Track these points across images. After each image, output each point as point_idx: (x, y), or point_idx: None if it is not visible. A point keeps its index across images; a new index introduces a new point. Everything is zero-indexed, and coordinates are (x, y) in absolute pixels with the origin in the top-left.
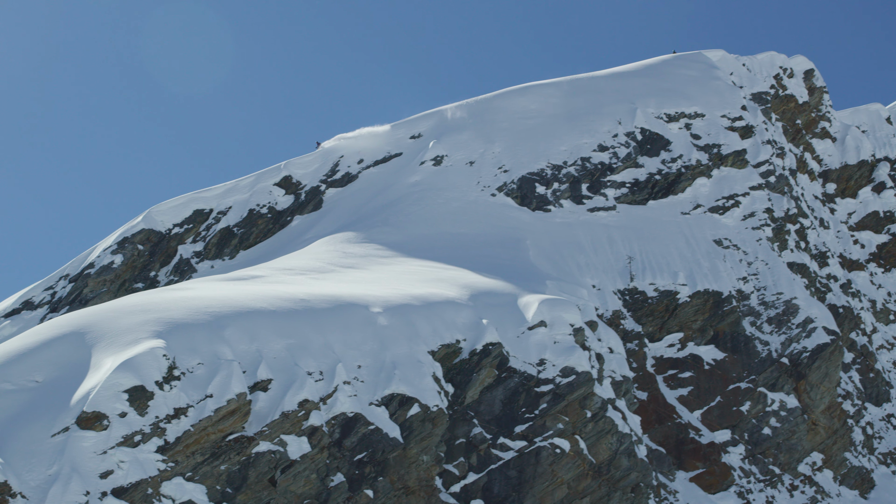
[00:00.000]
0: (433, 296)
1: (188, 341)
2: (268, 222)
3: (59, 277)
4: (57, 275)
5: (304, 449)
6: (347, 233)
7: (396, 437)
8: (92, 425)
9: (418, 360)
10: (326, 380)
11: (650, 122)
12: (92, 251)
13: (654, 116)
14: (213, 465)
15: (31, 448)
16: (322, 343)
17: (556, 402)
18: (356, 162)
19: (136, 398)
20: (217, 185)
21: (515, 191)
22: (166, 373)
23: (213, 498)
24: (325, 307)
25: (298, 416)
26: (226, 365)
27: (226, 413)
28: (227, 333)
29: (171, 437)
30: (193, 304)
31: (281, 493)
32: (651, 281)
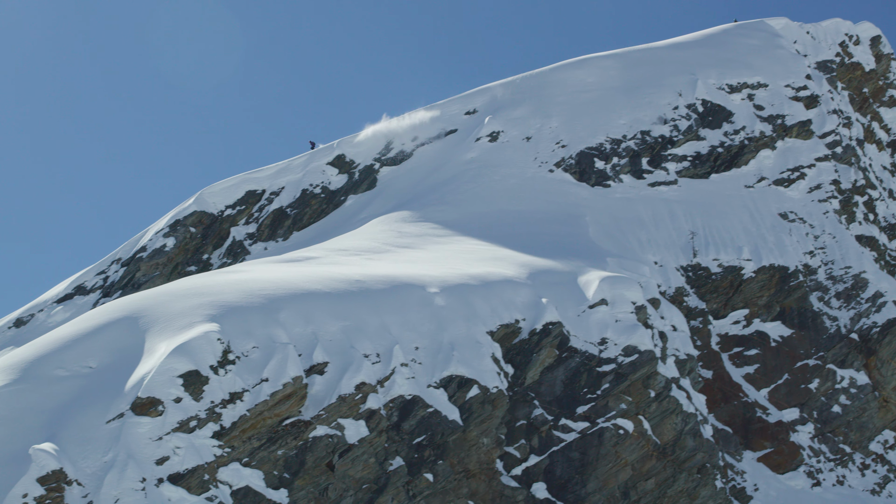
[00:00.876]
0: (491, 275)
1: (243, 325)
2: (321, 202)
3: (111, 261)
4: (109, 259)
5: (362, 433)
6: (402, 212)
7: (456, 419)
8: (147, 411)
9: (477, 341)
10: (383, 362)
11: (711, 94)
12: (144, 234)
13: (716, 87)
14: (269, 450)
15: (86, 435)
16: (378, 324)
17: (618, 382)
18: (410, 139)
19: (190, 383)
20: (269, 166)
21: (574, 166)
22: (221, 357)
23: (271, 483)
24: (381, 288)
25: (356, 399)
26: (281, 348)
27: (282, 397)
28: (282, 316)
29: (227, 422)
30: (247, 286)
31: (339, 477)
32: (715, 256)
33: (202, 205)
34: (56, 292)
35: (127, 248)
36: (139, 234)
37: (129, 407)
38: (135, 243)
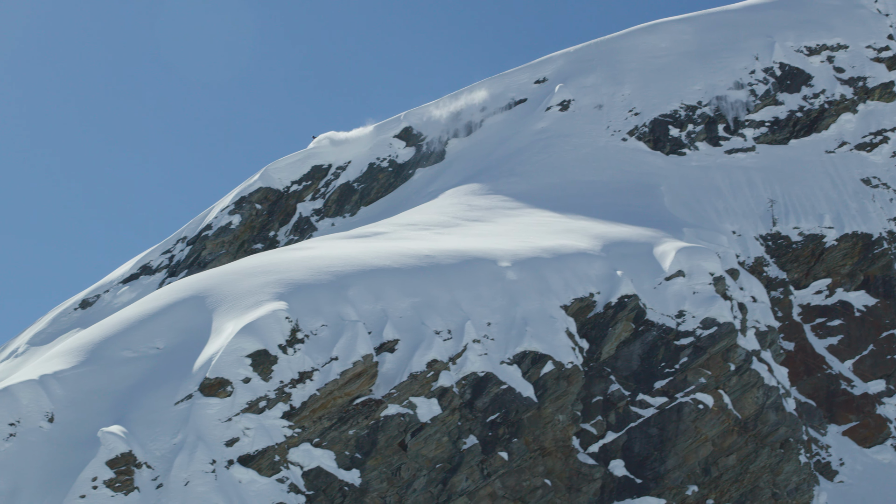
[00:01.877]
0: (564, 247)
1: (311, 302)
2: (389, 176)
3: (176, 240)
4: (174, 238)
5: (435, 411)
6: (472, 184)
7: (530, 396)
8: (215, 392)
9: (550, 316)
10: (455, 338)
11: (789, 56)
12: (209, 212)
13: (794, 50)
14: (340, 430)
15: (155, 417)
16: (449, 300)
17: (697, 356)
18: (479, 110)
19: (259, 363)
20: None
21: (647, 134)
22: (289, 336)
23: (342, 464)
24: (452, 263)
25: (427, 377)
26: (350, 326)
27: (352, 376)
28: (351, 293)
29: (297, 402)
30: (315, 263)
31: (412, 457)
32: (795, 225)
33: (267, 181)
34: (121, 272)
35: (192, 227)
36: (204, 212)
37: (197, 388)
38: (200, 221)
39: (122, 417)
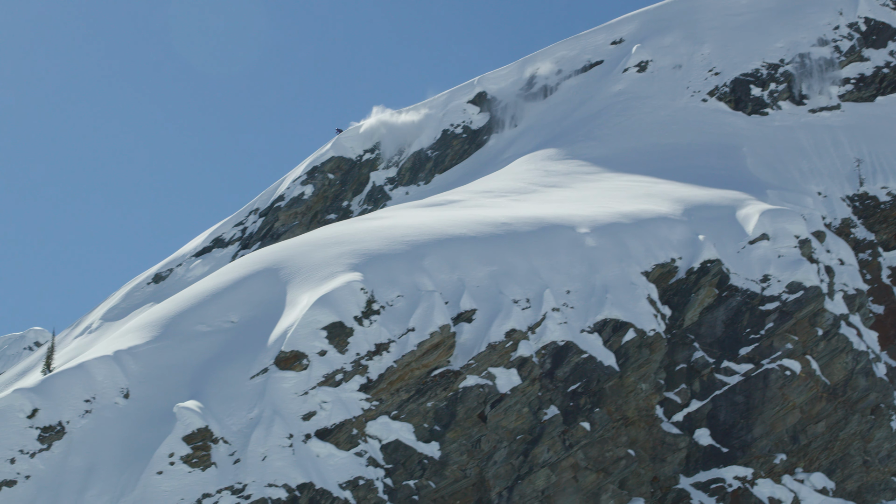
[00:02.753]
0: (644, 212)
1: (386, 273)
2: (463, 143)
3: (248, 212)
4: (246, 209)
5: (514, 381)
6: (548, 149)
7: (612, 365)
8: (291, 365)
9: (631, 282)
10: (534, 307)
11: (875, 11)
12: (281, 183)
13: (880, 4)
14: (419, 402)
15: (231, 391)
16: (527, 268)
17: (783, 321)
18: (554, 73)
19: (335, 335)
20: (406, 108)
21: (728, 94)
22: (365, 307)
23: (421, 436)
24: (529, 230)
25: (506, 347)
26: (427, 296)
27: (429, 347)
28: (427, 263)
29: (374, 374)
30: (389, 233)
31: (492, 428)
32: (883, 184)
33: (340, 150)
34: (194, 246)
35: (264, 198)
36: (276, 183)
37: (272, 361)
38: (272, 193)
39: (198, 392)
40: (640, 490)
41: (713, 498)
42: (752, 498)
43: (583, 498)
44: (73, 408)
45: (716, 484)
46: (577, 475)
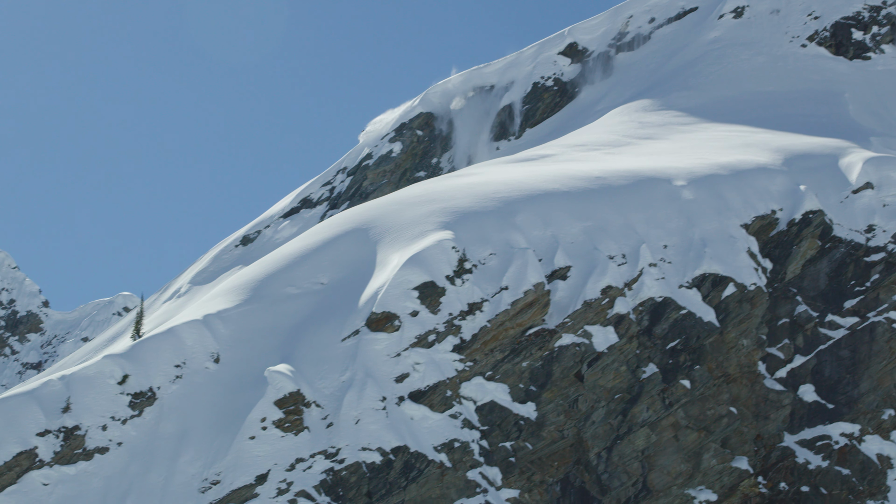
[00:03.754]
0: (742, 163)
1: (478, 231)
2: (554, 95)
3: (336, 171)
4: (334, 168)
5: (611, 339)
6: (642, 100)
7: (711, 320)
8: (383, 326)
9: (730, 236)
10: (630, 263)
11: None
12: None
13: None
14: (513, 362)
15: (322, 354)
16: (622, 223)
17: (889, 272)
18: (647, 21)
19: (426, 295)
20: (496, 60)
21: (829, 39)
22: (457, 266)
23: (517, 397)
24: (624, 184)
25: (602, 304)
26: (520, 254)
27: (523, 305)
28: (519, 219)
29: (467, 334)
30: (480, 190)
31: (589, 388)
32: None
33: (428, 105)
34: (281, 207)
35: (352, 157)
36: (364, 141)
37: (364, 323)
38: (360, 151)
39: (289, 356)
40: (744, 448)
41: (819, 455)
42: (860, 455)
43: (684, 457)
44: (163, 373)
45: (821, 441)
46: (678, 434)
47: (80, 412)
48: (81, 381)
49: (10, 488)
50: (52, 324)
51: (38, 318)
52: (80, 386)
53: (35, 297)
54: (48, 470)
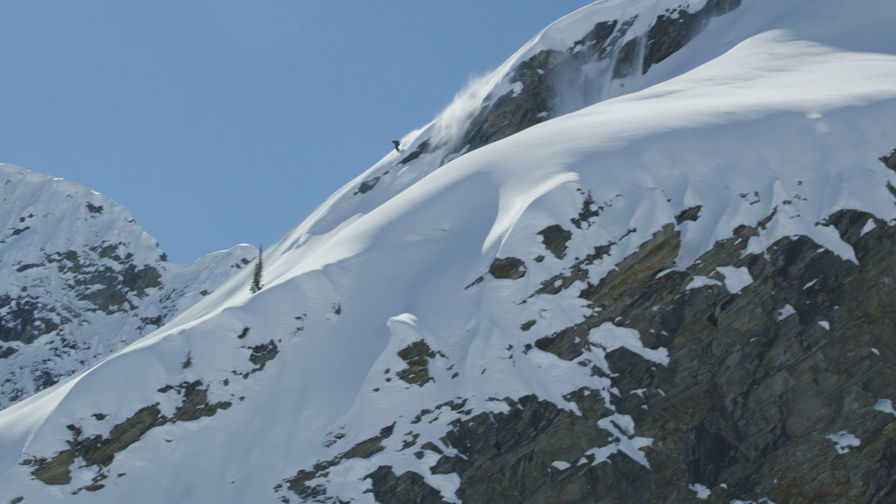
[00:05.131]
0: (880, 93)
1: (603, 171)
2: (680, 29)
3: (456, 111)
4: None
5: (745, 281)
6: (773, 31)
7: (850, 259)
8: (507, 273)
9: (868, 170)
10: (763, 201)
11: None
12: (488, 81)
13: None
14: (643, 306)
15: (445, 303)
16: (754, 160)
17: None
18: None
19: (551, 239)
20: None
21: None
22: (582, 209)
23: (648, 343)
24: (755, 118)
25: (735, 244)
26: (647, 194)
27: (652, 248)
28: (646, 159)
29: (595, 279)
30: (605, 129)
31: (723, 331)
32: None
33: (549, 43)
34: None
35: (471, 97)
36: (483, 81)
37: (487, 270)
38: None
39: (411, 305)
40: (887, 391)
41: None
42: None
43: (824, 401)
44: (284, 325)
45: None
46: (818, 377)
47: (202, 367)
48: (201, 336)
49: (133, 445)
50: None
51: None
52: (200, 340)
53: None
54: (171, 426)
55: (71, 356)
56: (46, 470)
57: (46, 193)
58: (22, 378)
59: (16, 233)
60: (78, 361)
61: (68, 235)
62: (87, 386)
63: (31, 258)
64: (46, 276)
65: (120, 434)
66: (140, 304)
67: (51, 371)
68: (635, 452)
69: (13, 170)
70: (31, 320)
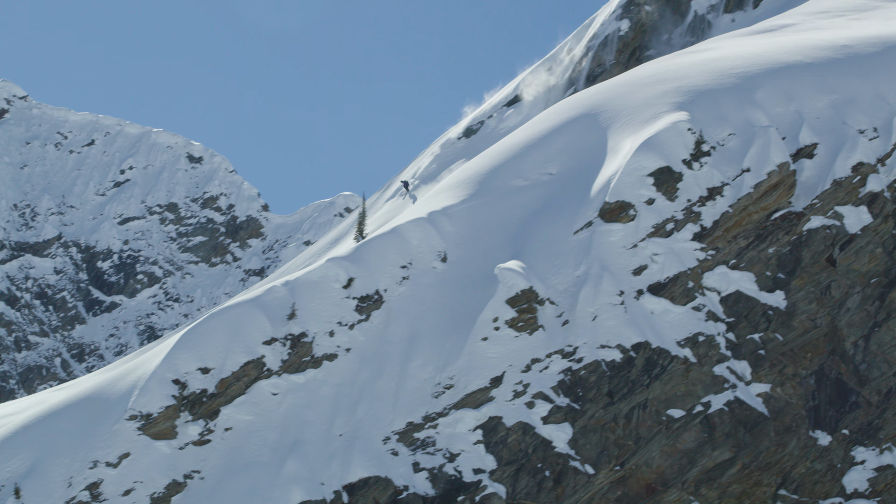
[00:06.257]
0: None
1: (715, 110)
2: None
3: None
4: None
5: (865, 220)
6: None
7: None
8: (617, 217)
9: None
10: (882, 137)
11: None
12: (594, 20)
13: None
14: (759, 248)
15: (553, 249)
16: (872, 94)
17: None
18: None
19: (662, 181)
20: None
21: None
22: (693, 149)
23: (764, 286)
24: (873, 51)
25: (853, 182)
26: (761, 132)
27: (767, 188)
28: (759, 96)
29: (708, 221)
30: (716, 66)
31: (842, 273)
32: None
33: None
34: (505, 94)
35: (577, 37)
36: (588, 20)
37: (596, 214)
38: (584, 31)
39: (519, 252)
40: None
41: None
42: None
43: None
44: (389, 275)
45: None
46: None
47: (306, 318)
48: (306, 287)
49: (239, 399)
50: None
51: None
52: (304, 291)
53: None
54: (276, 379)
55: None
56: (153, 425)
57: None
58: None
59: (116, 185)
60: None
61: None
62: (191, 340)
63: (132, 211)
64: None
65: (225, 388)
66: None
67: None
68: (753, 399)
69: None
70: (133, 274)
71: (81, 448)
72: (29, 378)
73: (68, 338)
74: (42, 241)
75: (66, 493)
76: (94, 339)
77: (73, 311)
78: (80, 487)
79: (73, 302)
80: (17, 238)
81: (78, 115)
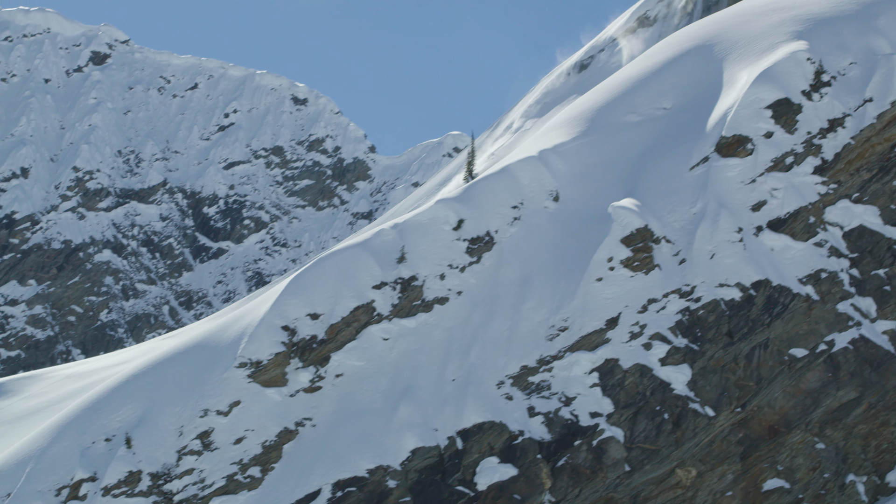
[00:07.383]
0: None
1: (835, 38)
2: None
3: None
4: None
5: None
6: None
7: None
8: (734, 151)
9: None
10: None
11: None
12: None
13: None
14: (883, 181)
15: (669, 185)
16: None
17: None
18: None
19: (781, 113)
20: None
21: None
22: (813, 79)
23: (889, 219)
24: None
25: None
26: (884, 60)
27: (891, 118)
28: (881, 22)
29: (829, 153)
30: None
31: None
32: None
33: None
34: (618, 26)
35: None
36: None
37: (713, 149)
38: None
39: (633, 189)
40: None
41: None
42: None
43: None
44: (500, 216)
45: None
46: None
47: (416, 261)
48: (415, 229)
49: (349, 344)
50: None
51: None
52: (414, 234)
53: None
54: (387, 324)
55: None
56: (263, 372)
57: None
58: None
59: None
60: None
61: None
62: (299, 285)
63: (237, 155)
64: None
65: (336, 334)
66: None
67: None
68: (878, 336)
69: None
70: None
71: (192, 397)
72: (137, 326)
73: (176, 285)
74: (147, 187)
75: (177, 443)
76: (202, 285)
77: (179, 258)
78: (192, 436)
79: (179, 249)
80: (122, 185)
81: (180, 58)
